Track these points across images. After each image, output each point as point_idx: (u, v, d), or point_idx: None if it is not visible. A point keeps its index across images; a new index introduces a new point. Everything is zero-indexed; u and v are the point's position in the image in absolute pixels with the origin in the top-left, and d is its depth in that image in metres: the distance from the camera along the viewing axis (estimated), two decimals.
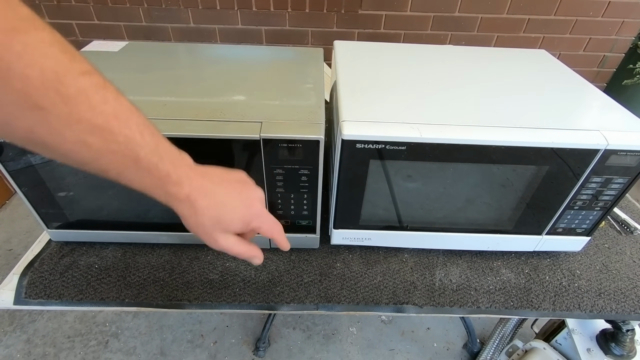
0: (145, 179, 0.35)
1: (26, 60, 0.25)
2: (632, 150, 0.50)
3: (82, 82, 0.29)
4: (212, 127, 0.49)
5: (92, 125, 0.29)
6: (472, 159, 0.51)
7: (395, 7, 1.82)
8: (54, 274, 0.61)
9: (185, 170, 0.37)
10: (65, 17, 1.82)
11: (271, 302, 0.62)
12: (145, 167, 0.34)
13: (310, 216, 0.59)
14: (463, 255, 0.68)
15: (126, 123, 0.32)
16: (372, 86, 0.59)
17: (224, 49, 0.78)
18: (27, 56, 0.25)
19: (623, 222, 0.77)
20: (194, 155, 0.52)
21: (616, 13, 1.85)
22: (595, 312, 0.63)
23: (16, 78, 0.25)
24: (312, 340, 1.35)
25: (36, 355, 1.27)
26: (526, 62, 0.73)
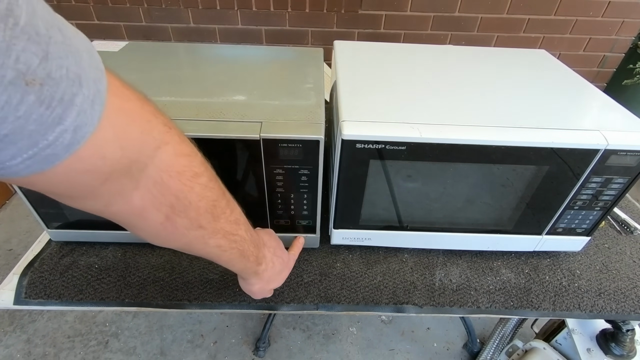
0: (245, 264, 0.45)
1: (200, 196, 0.34)
2: (632, 150, 0.50)
3: (224, 202, 0.37)
4: (212, 127, 0.49)
5: (225, 232, 0.38)
6: (472, 159, 0.51)
7: (395, 7, 1.82)
8: (54, 274, 0.61)
9: (262, 250, 0.49)
10: (65, 17, 1.81)
11: (271, 302, 0.62)
12: (247, 256, 0.44)
13: (310, 216, 0.59)
14: (463, 255, 0.68)
15: (239, 225, 0.41)
16: (372, 86, 0.59)
17: (224, 49, 0.78)
18: (201, 193, 0.34)
19: (623, 222, 0.77)
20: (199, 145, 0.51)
21: (616, 13, 1.85)
22: (595, 312, 0.63)
23: (192, 209, 0.33)
24: (312, 340, 1.35)
25: (36, 355, 1.27)
26: (526, 62, 0.73)
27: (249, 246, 0.44)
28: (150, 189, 0.30)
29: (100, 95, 0.23)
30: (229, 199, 0.39)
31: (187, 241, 0.36)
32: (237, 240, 0.41)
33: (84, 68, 0.21)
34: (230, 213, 0.39)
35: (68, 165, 0.23)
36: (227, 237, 0.39)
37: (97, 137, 0.23)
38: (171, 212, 0.32)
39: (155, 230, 0.33)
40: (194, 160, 0.33)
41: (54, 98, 0.20)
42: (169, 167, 0.31)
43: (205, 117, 0.51)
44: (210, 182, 0.35)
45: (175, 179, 0.31)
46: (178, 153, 0.31)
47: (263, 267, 0.49)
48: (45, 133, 0.20)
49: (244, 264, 0.45)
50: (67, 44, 0.20)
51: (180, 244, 0.37)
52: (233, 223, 0.40)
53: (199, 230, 0.35)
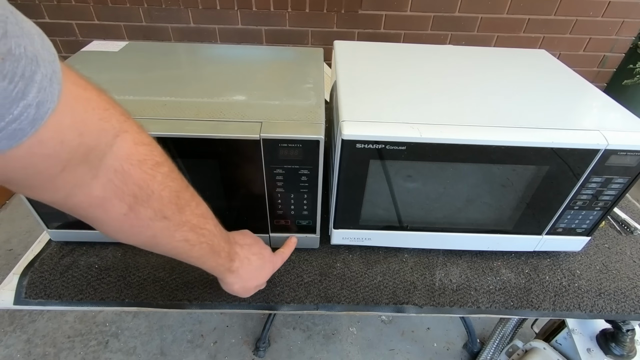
0: (217, 260, 0.44)
1: (163, 185, 0.33)
2: (632, 150, 0.50)
3: (188, 194, 0.37)
4: (212, 127, 0.49)
5: (192, 225, 0.38)
6: (472, 159, 0.51)
7: (395, 7, 1.82)
8: (54, 274, 0.61)
9: (233, 247, 0.48)
10: (65, 17, 1.82)
11: (271, 302, 0.62)
12: (217, 251, 0.43)
13: (310, 216, 0.59)
14: (463, 255, 0.68)
15: (206, 219, 0.40)
16: (372, 86, 0.59)
17: (224, 49, 0.79)
18: (164, 182, 0.33)
19: (623, 222, 0.77)
20: (194, 155, 0.52)
21: (616, 13, 1.85)
22: (595, 312, 0.63)
23: (155, 199, 0.33)
24: (312, 340, 1.35)
25: (36, 355, 1.27)
26: (526, 62, 0.73)
27: (219, 241, 0.43)
28: (111, 178, 0.30)
29: (57, 75, 0.24)
30: (193, 193, 0.39)
31: (152, 234, 0.35)
32: (205, 234, 0.40)
33: (38, 49, 0.22)
34: (196, 206, 0.38)
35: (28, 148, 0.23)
36: (194, 231, 0.38)
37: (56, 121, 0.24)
38: (134, 202, 0.32)
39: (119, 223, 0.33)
40: (154, 149, 0.33)
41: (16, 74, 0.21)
42: (130, 155, 0.30)
43: (205, 117, 0.51)
44: (172, 173, 0.35)
45: (137, 167, 0.31)
46: (137, 142, 0.31)
47: (237, 264, 0.48)
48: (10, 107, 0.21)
49: (215, 260, 0.44)
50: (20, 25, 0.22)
51: (144, 238, 0.36)
52: (200, 216, 0.39)
53: (163, 221, 0.35)
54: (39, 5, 1.77)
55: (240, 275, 0.49)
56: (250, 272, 0.51)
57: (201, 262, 0.43)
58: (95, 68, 0.63)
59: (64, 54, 1.94)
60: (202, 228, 0.39)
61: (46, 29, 1.74)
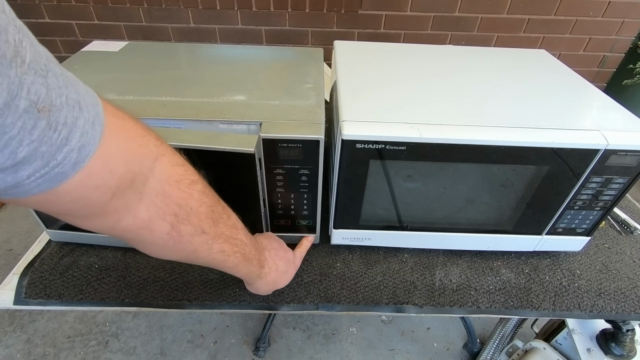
0: (249, 267, 0.47)
1: (199, 202, 0.35)
2: (632, 150, 0.50)
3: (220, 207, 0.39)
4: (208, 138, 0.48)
5: (226, 236, 0.40)
6: (472, 159, 0.51)
7: (395, 7, 1.82)
8: (54, 274, 0.61)
9: (263, 253, 0.50)
10: (65, 17, 1.82)
11: (271, 302, 0.62)
12: (249, 259, 0.45)
13: (310, 216, 0.59)
14: (463, 255, 0.68)
15: (237, 229, 0.43)
16: (372, 86, 0.59)
17: (224, 49, 0.78)
18: (200, 199, 0.35)
19: (623, 222, 0.77)
20: (194, 154, 0.52)
21: (616, 13, 1.85)
22: (595, 312, 0.63)
23: (194, 215, 0.35)
24: (312, 340, 1.35)
25: (36, 355, 1.27)
26: (526, 62, 0.73)
27: (250, 249, 0.45)
28: (154, 200, 0.32)
29: (99, 117, 0.26)
30: (224, 205, 0.41)
31: (193, 248, 0.37)
32: (238, 244, 0.42)
33: (82, 94, 0.25)
34: (228, 218, 0.41)
35: (79, 181, 0.25)
36: (228, 242, 0.41)
37: (103, 153, 0.26)
38: (175, 221, 0.34)
39: (163, 242, 0.35)
40: (188, 169, 0.35)
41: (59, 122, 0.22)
42: (168, 176, 0.32)
43: (205, 117, 0.51)
44: (206, 189, 0.37)
45: (175, 188, 0.33)
46: (174, 163, 0.33)
47: (266, 270, 0.50)
48: (55, 153, 0.23)
49: (248, 267, 0.46)
50: (64, 75, 0.24)
51: (186, 252, 0.38)
52: (231, 227, 0.41)
53: (202, 235, 0.37)
54: (39, 5, 1.77)
55: (268, 280, 0.52)
56: (277, 276, 0.53)
57: (236, 270, 0.45)
58: (95, 68, 0.63)
59: (64, 54, 1.94)
60: (234, 238, 0.42)
61: (46, 29, 1.74)
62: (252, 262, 0.46)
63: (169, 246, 0.35)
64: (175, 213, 0.33)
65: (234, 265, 0.44)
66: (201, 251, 0.38)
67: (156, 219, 0.32)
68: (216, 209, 0.38)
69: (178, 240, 0.35)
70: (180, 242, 0.35)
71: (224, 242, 0.40)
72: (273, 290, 0.56)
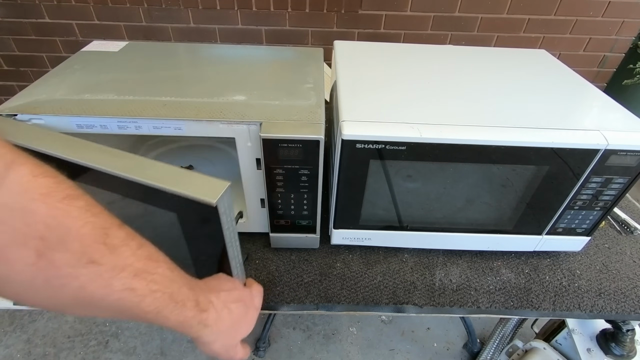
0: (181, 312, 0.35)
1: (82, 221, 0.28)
2: (632, 150, 0.50)
3: (122, 232, 0.31)
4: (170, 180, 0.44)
5: (135, 269, 0.30)
6: (472, 159, 0.51)
7: (395, 7, 1.82)
8: None
9: (205, 294, 0.38)
10: (65, 17, 1.82)
11: (271, 302, 0.62)
12: (181, 300, 0.34)
13: (310, 216, 0.59)
14: (463, 255, 0.68)
15: (157, 262, 0.33)
16: (372, 86, 0.59)
17: (224, 49, 0.78)
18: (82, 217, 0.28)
19: (623, 222, 0.77)
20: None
21: (616, 13, 1.85)
22: (595, 312, 0.63)
23: (73, 238, 0.27)
24: (312, 340, 1.35)
25: (36, 355, 1.27)
26: (526, 62, 0.73)
27: (180, 288, 0.35)
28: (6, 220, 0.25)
29: None
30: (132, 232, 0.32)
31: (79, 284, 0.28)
32: (157, 280, 0.32)
33: None
34: (138, 247, 0.31)
35: None
36: (140, 277, 0.31)
37: None
38: (43, 247, 0.26)
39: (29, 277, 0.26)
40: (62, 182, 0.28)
41: None
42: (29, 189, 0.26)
43: (205, 117, 0.51)
44: (94, 208, 0.29)
45: (40, 202, 0.26)
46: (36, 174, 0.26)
47: (212, 315, 0.38)
48: None
49: (181, 313, 0.34)
50: None
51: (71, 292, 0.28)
52: (146, 259, 0.32)
53: (91, 266, 0.28)
54: (39, 5, 1.77)
55: (219, 330, 0.39)
56: (232, 324, 0.41)
57: (163, 318, 0.33)
58: (95, 68, 0.63)
59: (64, 54, 1.94)
60: (151, 273, 0.32)
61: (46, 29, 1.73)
62: (185, 305, 0.35)
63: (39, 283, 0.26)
64: (41, 236, 0.26)
65: (155, 311, 0.32)
66: (94, 289, 0.28)
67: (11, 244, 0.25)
68: (114, 232, 0.30)
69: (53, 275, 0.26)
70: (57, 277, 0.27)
71: (133, 278, 0.30)
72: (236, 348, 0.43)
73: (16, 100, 0.53)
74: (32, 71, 1.99)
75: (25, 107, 0.51)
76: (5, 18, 1.81)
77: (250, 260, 0.65)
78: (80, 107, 0.51)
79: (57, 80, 0.58)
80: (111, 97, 0.54)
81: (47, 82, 0.58)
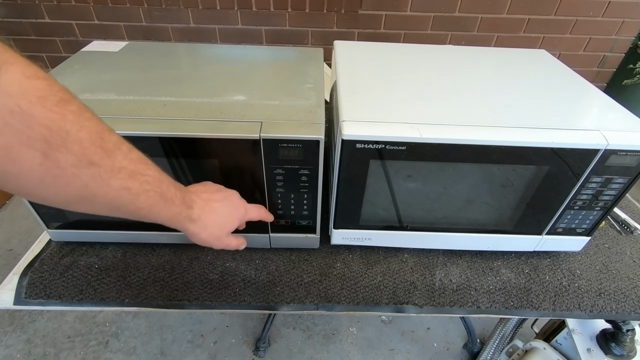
0: (170, 208, 0.40)
1: (78, 125, 0.29)
2: (632, 150, 0.50)
3: (114, 137, 0.33)
4: (212, 127, 0.49)
5: (129, 171, 0.34)
6: (472, 159, 0.51)
7: (395, 7, 1.82)
8: (54, 274, 0.61)
9: (190, 194, 0.44)
10: (65, 17, 1.82)
11: (271, 302, 0.62)
12: (170, 198, 0.39)
13: (310, 216, 0.59)
14: (463, 255, 0.68)
15: (147, 165, 0.36)
16: (372, 86, 0.59)
17: (224, 49, 0.79)
18: (77, 122, 0.29)
19: (623, 222, 0.77)
20: (194, 155, 0.52)
21: (616, 13, 1.85)
22: (595, 312, 0.63)
23: (73, 141, 0.29)
24: (312, 340, 1.35)
25: (36, 355, 1.27)
26: (526, 62, 0.73)
27: (168, 187, 0.39)
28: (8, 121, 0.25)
29: None
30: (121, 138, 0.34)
31: (82, 183, 0.31)
32: (149, 181, 0.36)
33: None
34: (129, 150, 0.34)
35: None
36: (134, 178, 0.34)
37: None
38: (48, 148, 0.27)
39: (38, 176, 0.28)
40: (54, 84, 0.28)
41: None
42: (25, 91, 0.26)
43: (205, 117, 0.51)
44: (85, 112, 0.30)
45: (38, 105, 0.26)
46: (29, 75, 0.27)
47: (197, 211, 0.44)
48: None
49: (170, 208, 0.40)
50: None
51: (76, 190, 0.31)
52: (137, 162, 0.35)
53: (91, 167, 0.30)
54: (39, 5, 1.77)
55: (204, 223, 0.45)
56: (216, 218, 0.47)
57: (155, 214, 0.39)
58: (95, 68, 0.63)
59: (64, 54, 1.94)
60: (143, 174, 0.35)
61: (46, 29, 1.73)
62: (173, 202, 0.40)
63: (48, 182, 0.29)
64: (45, 138, 0.27)
65: (149, 206, 0.37)
66: (96, 187, 0.32)
67: (17, 145, 0.26)
68: (108, 137, 0.32)
69: (59, 174, 0.29)
70: (63, 176, 0.29)
71: (128, 179, 0.34)
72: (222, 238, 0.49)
73: None
74: None
75: None
76: (5, 18, 1.81)
77: (250, 260, 0.65)
78: None
79: None
80: (111, 97, 0.54)
81: None
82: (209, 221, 0.46)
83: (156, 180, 0.37)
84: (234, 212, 0.50)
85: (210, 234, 0.47)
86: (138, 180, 0.35)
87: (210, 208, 0.46)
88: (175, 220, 0.42)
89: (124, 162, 0.33)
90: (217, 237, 0.48)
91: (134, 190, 0.34)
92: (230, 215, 0.49)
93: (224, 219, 0.49)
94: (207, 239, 0.47)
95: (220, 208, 0.48)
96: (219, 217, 0.48)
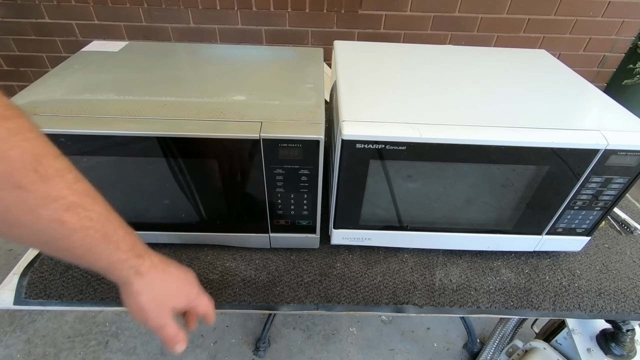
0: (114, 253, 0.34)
1: (9, 144, 0.26)
2: (632, 150, 0.50)
3: (59, 163, 0.30)
4: (212, 127, 0.49)
5: (69, 202, 0.30)
6: (472, 159, 0.51)
7: (395, 7, 1.82)
8: (54, 274, 0.61)
9: (143, 245, 0.38)
10: (65, 17, 1.82)
11: (271, 302, 0.62)
12: (115, 241, 0.34)
13: (310, 216, 0.59)
14: (463, 255, 0.68)
15: (95, 200, 0.32)
16: (372, 86, 0.59)
17: (224, 49, 0.79)
18: (10, 140, 0.27)
19: (623, 222, 0.77)
20: (194, 155, 0.52)
21: (616, 13, 1.85)
22: (595, 312, 0.63)
23: None
24: (312, 340, 1.35)
25: (36, 355, 1.27)
26: (526, 62, 0.73)
27: (116, 229, 0.34)
28: None
29: None
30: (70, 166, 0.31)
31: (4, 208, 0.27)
32: (93, 217, 0.31)
33: None
34: (75, 181, 0.31)
35: None
36: (73, 211, 0.30)
37: None
38: None
39: None
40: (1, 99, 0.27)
41: None
42: None
43: (205, 117, 0.51)
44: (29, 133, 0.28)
45: None
46: None
47: (148, 263, 0.37)
48: None
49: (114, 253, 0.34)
50: None
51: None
52: (82, 194, 0.31)
53: (16, 191, 0.27)
54: (39, 5, 1.77)
55: (152, 282, 0.38)
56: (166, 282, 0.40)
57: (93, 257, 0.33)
58: (95, 68, 0.63)
59: (64, 54, 1.94)
60: (86, 209, 0.31)
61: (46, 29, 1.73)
62: (119, 247, 0.34)
63: None
64: None
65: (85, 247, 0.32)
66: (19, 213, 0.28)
67: None
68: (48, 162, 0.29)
69: None
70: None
71: (64, 211, 0.29)
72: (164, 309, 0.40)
73: (16, 100, 0.53)
74: (32, 71, 1.99)
75: (25, 107, 0.51)
76: (5, 18, 1.80)
77: (250, 260, 0.65)
78: (80, 107, 0.51)
79: (57, 80, 0.58)
80: (111, 97, 0.54)
81: (47, 82, 0.58)
82: (157, 281, 0.38)
83: (102, 218, 0.32)
84: (185, 287, 0.44)
85: (154, 298, 0.39)
86: (77, 215, 0.30)
87: (164, 269, 0.40)
88: (118, 269, 0.36)
89: (63, 192, 0.30)
90: (159, 306, 0.40)
91: (69, 225, 0.30)
92: (181, 288, 0.43)
93: (174, 289, 0.41)
94: (147, 306, 0.38)
95: (174, 274, 0.42)
96: (170, 283, 0.41)
